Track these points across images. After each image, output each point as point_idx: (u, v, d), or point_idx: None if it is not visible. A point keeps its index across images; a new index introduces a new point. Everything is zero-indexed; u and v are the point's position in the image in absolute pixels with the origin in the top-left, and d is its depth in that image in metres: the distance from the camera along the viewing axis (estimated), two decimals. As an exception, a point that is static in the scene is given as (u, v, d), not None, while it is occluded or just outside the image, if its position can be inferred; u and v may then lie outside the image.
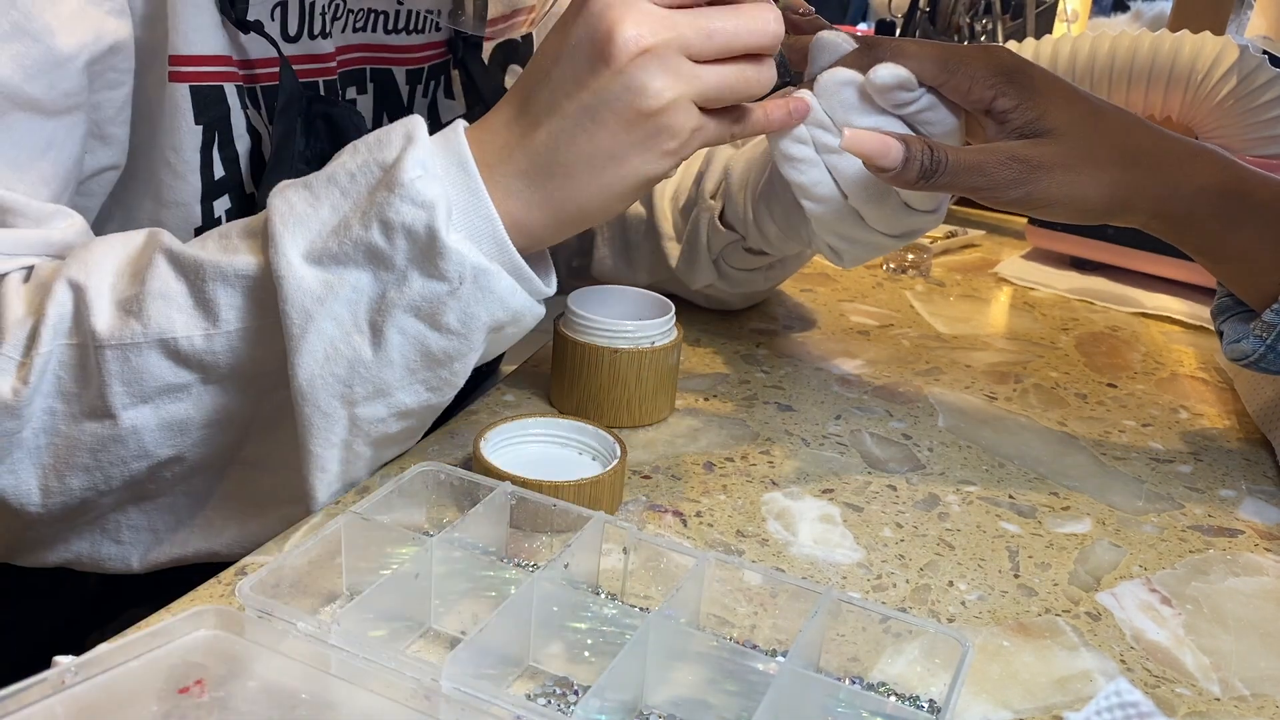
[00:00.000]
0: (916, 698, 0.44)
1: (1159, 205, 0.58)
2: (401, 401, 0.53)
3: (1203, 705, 0.46)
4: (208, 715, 0.38)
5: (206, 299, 0.51)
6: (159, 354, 0.51)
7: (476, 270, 0.50)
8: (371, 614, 0.43)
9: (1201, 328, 0.93)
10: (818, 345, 0.81)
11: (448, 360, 0.53)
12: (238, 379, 0.53)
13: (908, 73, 0.57)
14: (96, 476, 0.54)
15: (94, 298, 0.51)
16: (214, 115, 0.60)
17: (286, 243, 0.50)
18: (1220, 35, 0.94)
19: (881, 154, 0.55)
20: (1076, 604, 0.52)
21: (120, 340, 0.51)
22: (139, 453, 0.54)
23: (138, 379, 0.52)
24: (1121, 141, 0.57)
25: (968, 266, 1.06)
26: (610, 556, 0.50)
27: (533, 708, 0.38)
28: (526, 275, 0.53)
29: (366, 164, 0.51)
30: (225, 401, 0.54)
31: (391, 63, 0.72)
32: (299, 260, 0.50)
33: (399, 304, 0.50)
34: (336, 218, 0.51)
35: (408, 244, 0.50)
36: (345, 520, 0.46)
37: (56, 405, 0.52)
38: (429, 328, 0.51)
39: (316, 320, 0.50)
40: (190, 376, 0.52)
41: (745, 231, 0.72)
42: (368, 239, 0.50)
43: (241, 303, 0.51)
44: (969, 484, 0.63)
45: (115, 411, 0.52)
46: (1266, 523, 0.61)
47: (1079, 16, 1.56)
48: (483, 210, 0.51)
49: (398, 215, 0.49)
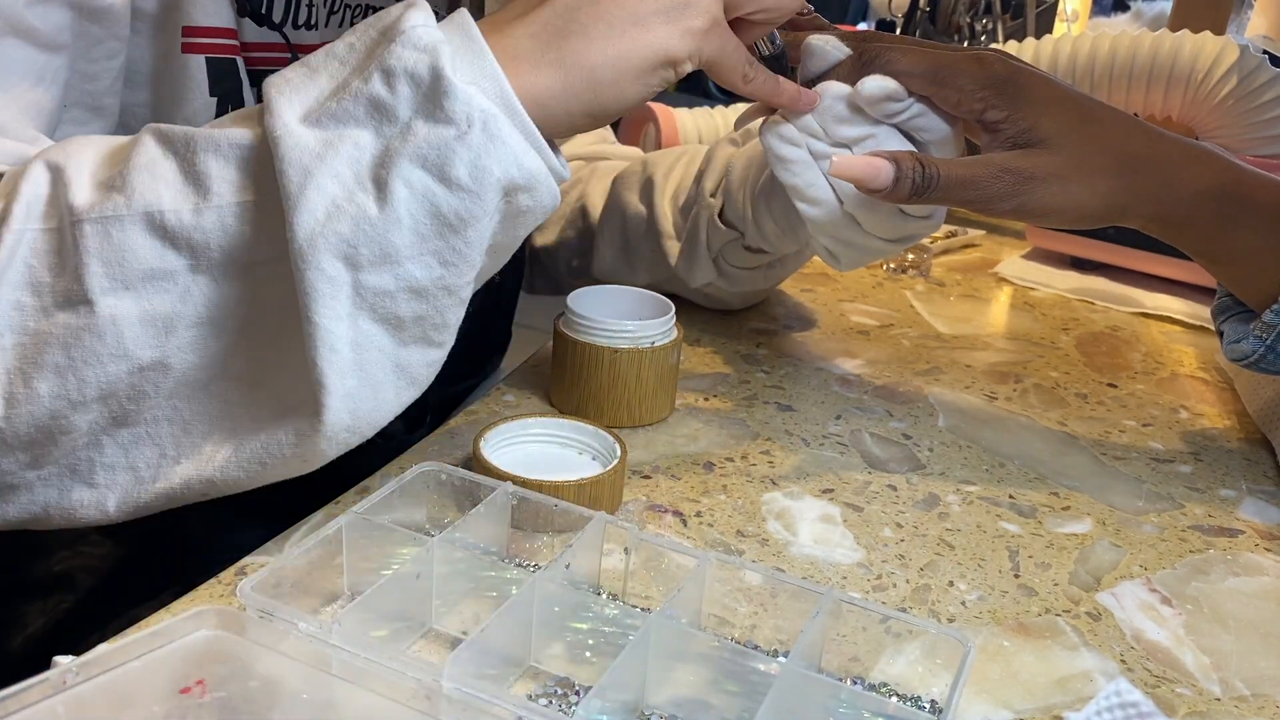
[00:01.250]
0: (918, 698, 0.44)
1: (1157, 209, 0.58)
2: (411, 274, 0.47)
3: (1203, 705, 0.46)
4: (209, 715, 0.38)
5: (197, 171, 0.47)
6: (143, 230, 0.46)
7: (485, 115, 0.46)
8: (373, 614, 0.43)
9: (1201, 328, 0.93)
10: (818, 345, 0.81)
11: (460, 225, 0.47)
12: (229, 267, 0.48)
13: (896, 84, 0.57)
14: (69, 381, 0.47)
15: (73, 175, 0.47)
16: (227, 88, 0.60)
17: (283, 106, 0.46)
18: (1220, 35, 0.94)
19: (871, 177, 0.56)
20: (1077, 604, 0.52)
21: (101, 214, 0.46)
22: (117, 351, 0.47)
23: (119, 259, 0.46)
24: (1117, 147, 0.57)
25: (968, 266, 1.06)
26: (611, 557, 0.50)
27: (534, 708, 0.38)
28: (537, 138, 0.49)
29: (364, 32, 0.48)
30: (217, 296, 0.48)
31: None
32: (295, 121, 0.46)
33: (404, 154, 0.46)
34: (334, 83, 0.48)
35: (411, 89, 0.46)
36: (346, 520, 0.46)
37: (25, 298, 0.46)
38: (437, 181, 0.46)
39: (316, 177, 0.45)
40: (178, 261, 0.47)
41: (745, 229, 0.72)
42: (368, 90, 0.46)
43: (235, 175, 0.47)
44: (969, 484, 0.63)
45: (92, 296, 0.46)
46: (1266, 523, 0.62)
47: (1079, 16, 1.56)
48: (488, 70, 0.48)
49: (399, 61, 0.46)
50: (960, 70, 0.57)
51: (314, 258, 0.45)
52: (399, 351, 0.49)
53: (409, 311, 0.48)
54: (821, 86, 0.59)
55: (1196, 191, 0.57)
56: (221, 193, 0.46)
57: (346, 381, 0.47)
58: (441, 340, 0.50)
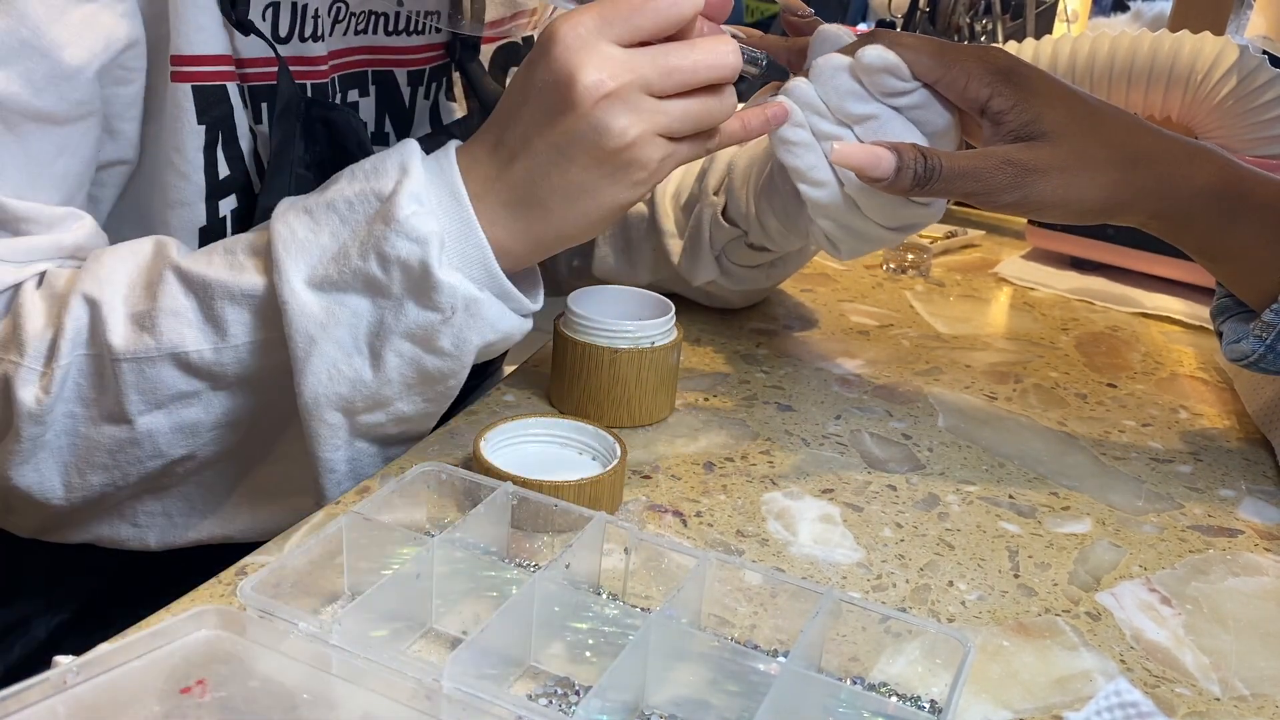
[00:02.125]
0: (917, 698, 0.44)
1: (1157, 206, 0.58)
2: (400, 410, 0.57)
3: (1203, 705, 0.46)
4: (209, 715, 0.38)
5: (215, 316, 0.55)
6: (171, 366, 0.55)
7: (468, 300, 0.54)
8: (373, 614, 0.43)
9: (1201, 328, 0.93)
10: (818, 345, 0.81)
11: (442, 378, 0.56)
12: (245, 385, 0.57)
13: (896, 58, 0.57)
14: (115, 474, 0.58)
15: (108, 313, 0.55)
16: (217, 115, 0.61)
17: (289, 269, 0.53)
18: (1220, 35, 0.94)
19: (872, 165, 0.56)
20: (1076, 604, 0.52)
21: (135, 354, 0.55)
22: (153, 453, 0.57)
23: (152, 389, 0.55)
24: (1119, 143, 0.57)
25: (968, 266, 1.06)
26: (611, 556, 0.50)
27: (534, 708, 0.38)
28: (514, 297, 0.56)
29: (364, 194, 0.54)
30: (233, 405, 0.58)
31: (393, 64, 0.72)
32: (301, 286, 0.54)
33: (396, 330, 0.54)
34: (336, 245, 0.54)
35: (403, 276, 0.53)
36: (346, 520, 0.46)
37: (77, 410, 0.56)
38: (424, 350, 0.55)
39: (319, 344, 0.54)
40: (200, 385, 0.56)
41: (747, 226, 0.72)
42: (366, 270, 0.53)
43: (248, 319, 0.55)
44: (969, 484, 0.63)
45: (131, 417, 0.56)
46: (1266, 523, 0.62)
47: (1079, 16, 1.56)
48: (474, 239, 0.55)
49: (394, 250, 0.53)
50: (968, 56, 0.58)
51: (318, 412, 0.55)
52: (387, 451, 0.60)
53: (397, 430, 0.59)
54: (825, 57, 0.59)
55: (1197, 189, 0.57)
56: (237, 334, 0.55)
57: (342, 486, 0.58)
58: (425, 432, 0.61)
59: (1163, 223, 0.59)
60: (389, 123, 0.73)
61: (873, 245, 0.64)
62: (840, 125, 0.59)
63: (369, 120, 0.72)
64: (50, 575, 0.71)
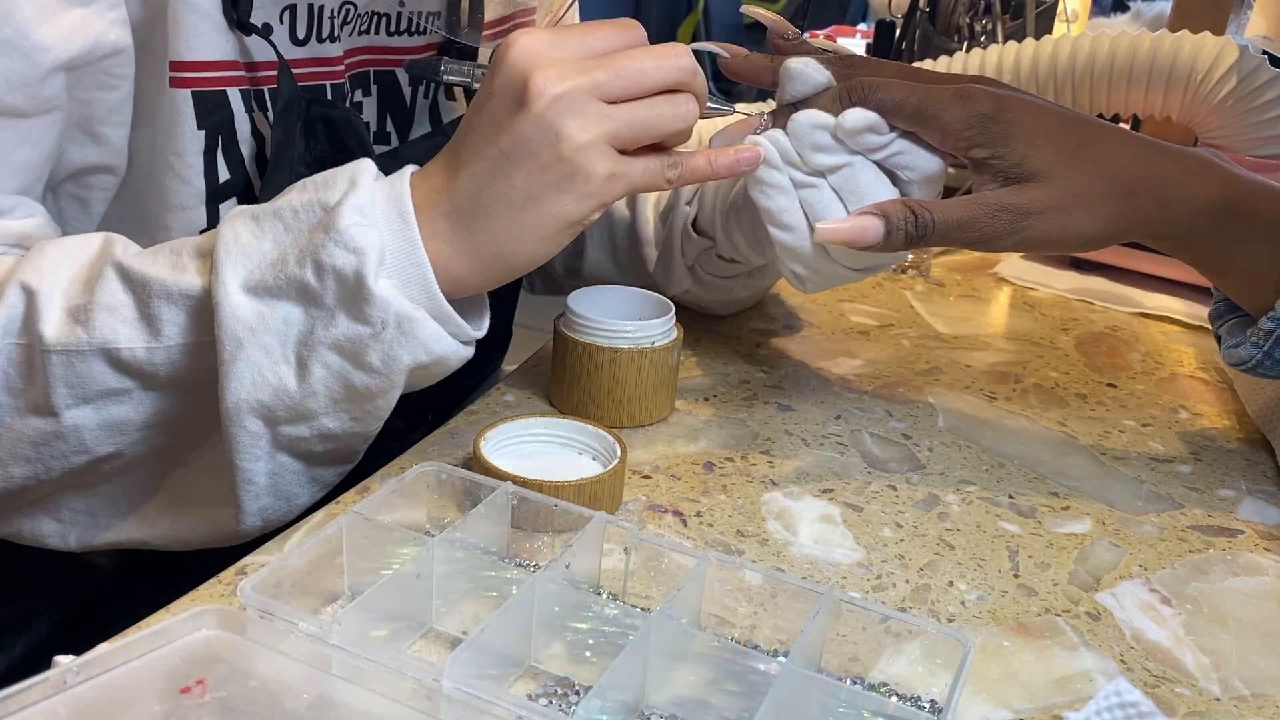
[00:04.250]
0: (917, 698, 0.44)
1: (1158, 228, 0.58)
2: (325, 426, 0.55)
3: (1203, 705, 0.46)
4: (209, 715, 0.38)
5: (151, 314, 0.54)
6: (102, 362, 0.54)
7: (400, 317, 0.52)
8: (373, 614, 0.43)
9: (1201, 328, 0.93)
10: (818, 345, 0.81)
11: (370, 396, 0.55)
12: (175, 387, 0.56)
13: (876, 116, 0.57)
14: (38, 467, 0.57)
15: (44, 303, 0.54)
16: (217, 120, 0.61)
17: (227, 271, 0.52)
18: (1220, 35, 0.94)
19: (859, 237, 0.56)
20: (1076, 604, 0.52)
21: (66, 346, 0.53)
22: (79, 448, 0.56)
23: (80, 382, 0.54)
24: (1113, 173, 0.57)
25: (967, 266, 1.06)
26: (611, 556, 0.50)
27: (534, 708, 0.38)
28: (453, 321, 0.55)
29: (310, 203, 0.53)
30: (163, 406, 0.56)
31: (394, 64, 0.72)
32: (236, 289, 0.52)
33: (325, 341, 0.53)
34: (277, 251, 0.53)
35: (337, 286, 0.52)
36: (346, 520, 0.46)
37: (3, 399, 0.55)
38: (352, 365, 0.53)
39: (246, 347, 0.52)
40: (131, 383, 0.55)
41: (716, 238, 0.72)
42: (301, 276, 0.52)
43: (183, 320, 0.54)
44: (969, 484, 0.63)
45: (58, 410, 0.54)
46: (1266, 523, 0.62)
47: (1079, 16, 1.56)
48: (415, 257, 0.53)
49: (329, 258, 0.52)
50: (942, 108, 0.57)
51: (238, 418, 0.53)
52: (312, 471, 0.58)
53: (322, 448, 0.57)
54: (802, 114, 0.58)
55: (1197, 208, 0.57)
56: (171, 335, 0.54)
57: (260, 501, 0.56)
58: (354, 458, 0.59)
59: (1163, 241, 0.59)
60: (390, 122, 0.73)
61: (839, 282, 0.63)
62: (814, 174, 0.59)
63: (371, 120, 0.72)
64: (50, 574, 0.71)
